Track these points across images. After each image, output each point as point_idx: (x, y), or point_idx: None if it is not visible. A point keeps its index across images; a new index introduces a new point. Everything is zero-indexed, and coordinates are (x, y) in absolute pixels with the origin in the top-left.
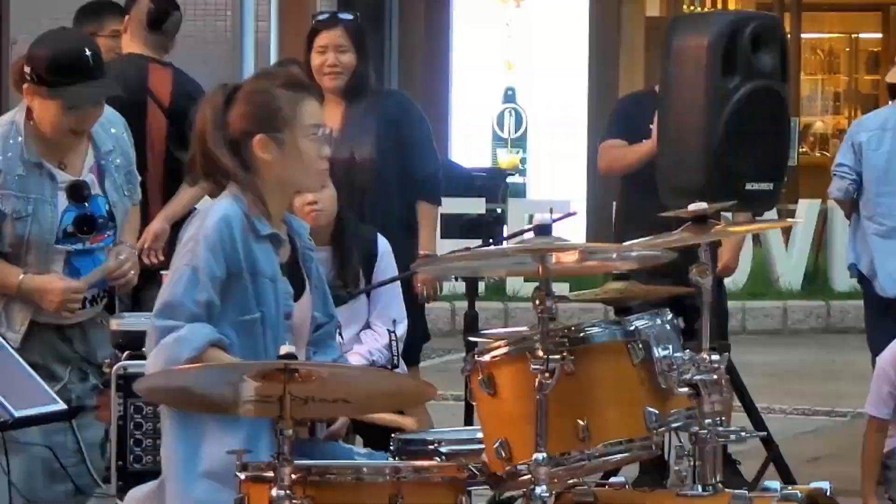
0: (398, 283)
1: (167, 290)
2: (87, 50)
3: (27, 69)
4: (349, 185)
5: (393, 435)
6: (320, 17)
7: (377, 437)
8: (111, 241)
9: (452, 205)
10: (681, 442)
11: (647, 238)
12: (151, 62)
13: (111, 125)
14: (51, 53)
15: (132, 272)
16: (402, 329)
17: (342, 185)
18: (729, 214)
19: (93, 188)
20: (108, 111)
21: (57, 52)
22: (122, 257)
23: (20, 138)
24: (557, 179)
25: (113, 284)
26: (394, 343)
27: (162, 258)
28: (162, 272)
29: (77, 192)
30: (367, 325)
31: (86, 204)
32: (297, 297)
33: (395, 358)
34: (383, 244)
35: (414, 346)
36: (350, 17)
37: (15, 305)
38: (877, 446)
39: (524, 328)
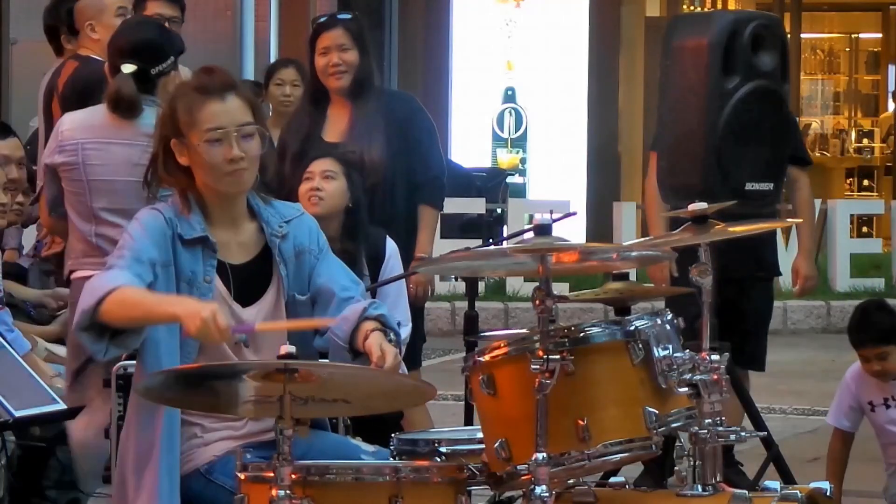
0: (404, 285)
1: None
2: None
3: None
4: (356, 181)
5: (393, 435)
6: (320, 20)
7: (377, 437)
8: None
9: (452, 205)
10: (681, 442)
11: (646, 238)
12: (71, 59)
13: None
14: None
15: None
16: (405, 332)
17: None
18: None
19: None
20: None
21: None
22: None
23: None
24: (557, 179)
25: None
26: (397, 347)
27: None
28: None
29: None
30: None
31: None
32: (259, 294)
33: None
34: (391, 246)
35: (414, 347)
36: (349, 16)
37: None
38: (841, 457)
39: (524, 329)
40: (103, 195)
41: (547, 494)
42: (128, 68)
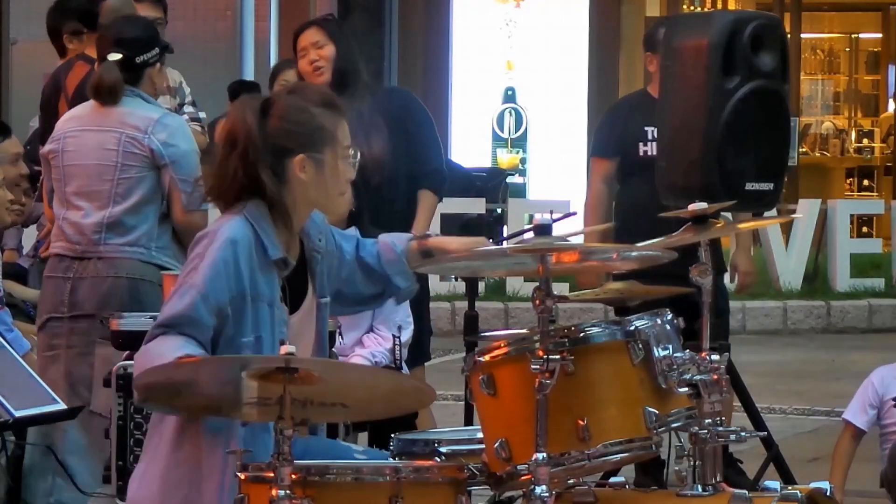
0: None
1: (168, 304)
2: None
3: None
4: (358, 183)
5: (393, 435)
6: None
7: (385, 436)
8: None
9: (452, 205)
10: (681, 442)
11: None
12: (80, 60)
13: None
14: None
15: None
16: (406, 334)
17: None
18: (729, 215)
19: None
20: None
21: None
22: None
23: None
24: (557, 179)
25: None
26: (397, 348)
27: None
28: None
29: None
30: (371, 329)
31: None
32: (298, 304)
33: (398, 362)
34: None
35: (422, 343)
36: (322, 17)
37: None
38: (848, 453)
39: (524, 329)
40: (74, 179)
41: (547, 494)
42: (113, 57)
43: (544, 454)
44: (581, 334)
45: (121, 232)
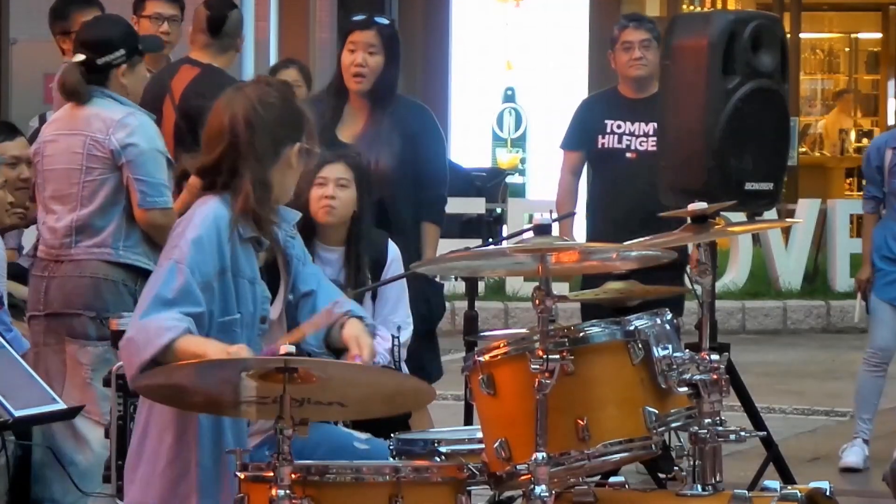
0: (405, 289)
1: (154, 281)
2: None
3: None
4: (363, 189)
5: (392, 435)
6: (356, 18)
7: (381, 435)
8: None
9: (452, 205)
10: (681, 442)
11: (646, 238)
12: (186, 63)
13: None
14: None
15: None
16: (406, 335)
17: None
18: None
19: None
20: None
21: None
22: None
23: None
24: (557, 179)
25: None
26: (396, 348)
27: None
28: None
29: None
30: None
31: None
32: (274, 295)
33: (397, 363)
34: (393, 250)
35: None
36: (385, 21)
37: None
38: None
39: (524, 329)
40: (49, 183)
41: (547, 494)
42: (77, 58)
43: (544, 454)
44: (581, 334)
45: (89, 234)
